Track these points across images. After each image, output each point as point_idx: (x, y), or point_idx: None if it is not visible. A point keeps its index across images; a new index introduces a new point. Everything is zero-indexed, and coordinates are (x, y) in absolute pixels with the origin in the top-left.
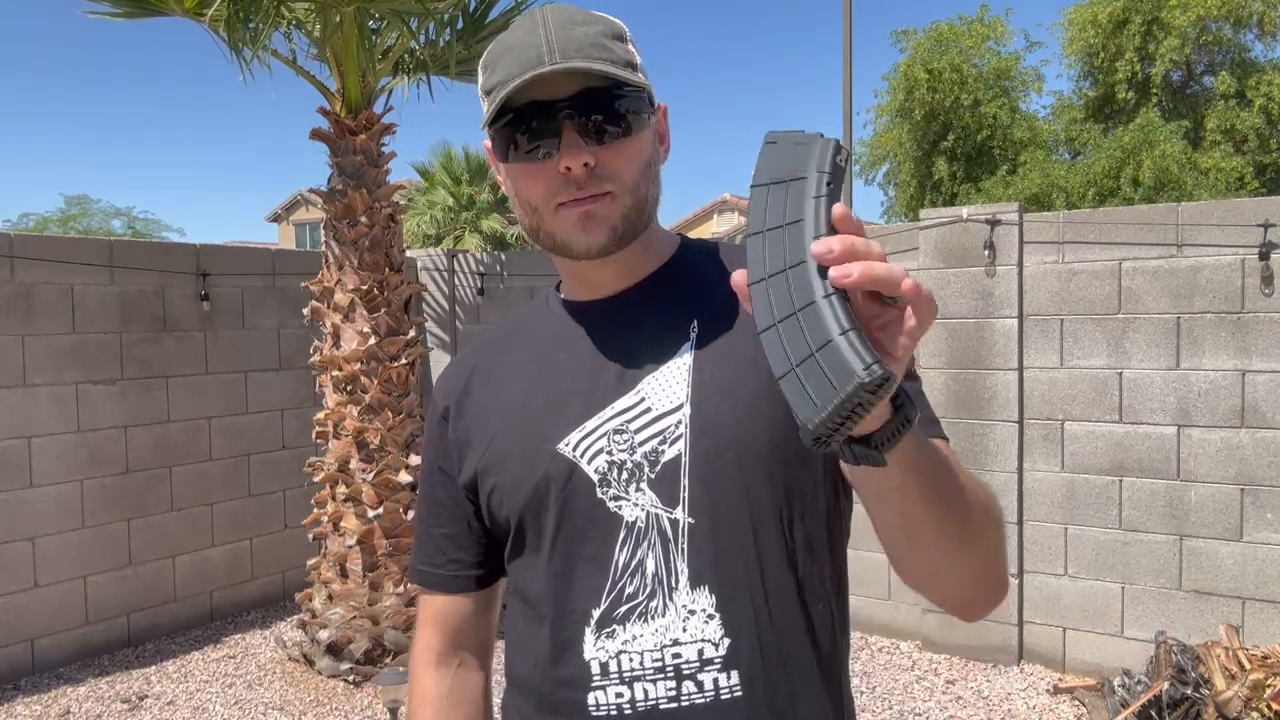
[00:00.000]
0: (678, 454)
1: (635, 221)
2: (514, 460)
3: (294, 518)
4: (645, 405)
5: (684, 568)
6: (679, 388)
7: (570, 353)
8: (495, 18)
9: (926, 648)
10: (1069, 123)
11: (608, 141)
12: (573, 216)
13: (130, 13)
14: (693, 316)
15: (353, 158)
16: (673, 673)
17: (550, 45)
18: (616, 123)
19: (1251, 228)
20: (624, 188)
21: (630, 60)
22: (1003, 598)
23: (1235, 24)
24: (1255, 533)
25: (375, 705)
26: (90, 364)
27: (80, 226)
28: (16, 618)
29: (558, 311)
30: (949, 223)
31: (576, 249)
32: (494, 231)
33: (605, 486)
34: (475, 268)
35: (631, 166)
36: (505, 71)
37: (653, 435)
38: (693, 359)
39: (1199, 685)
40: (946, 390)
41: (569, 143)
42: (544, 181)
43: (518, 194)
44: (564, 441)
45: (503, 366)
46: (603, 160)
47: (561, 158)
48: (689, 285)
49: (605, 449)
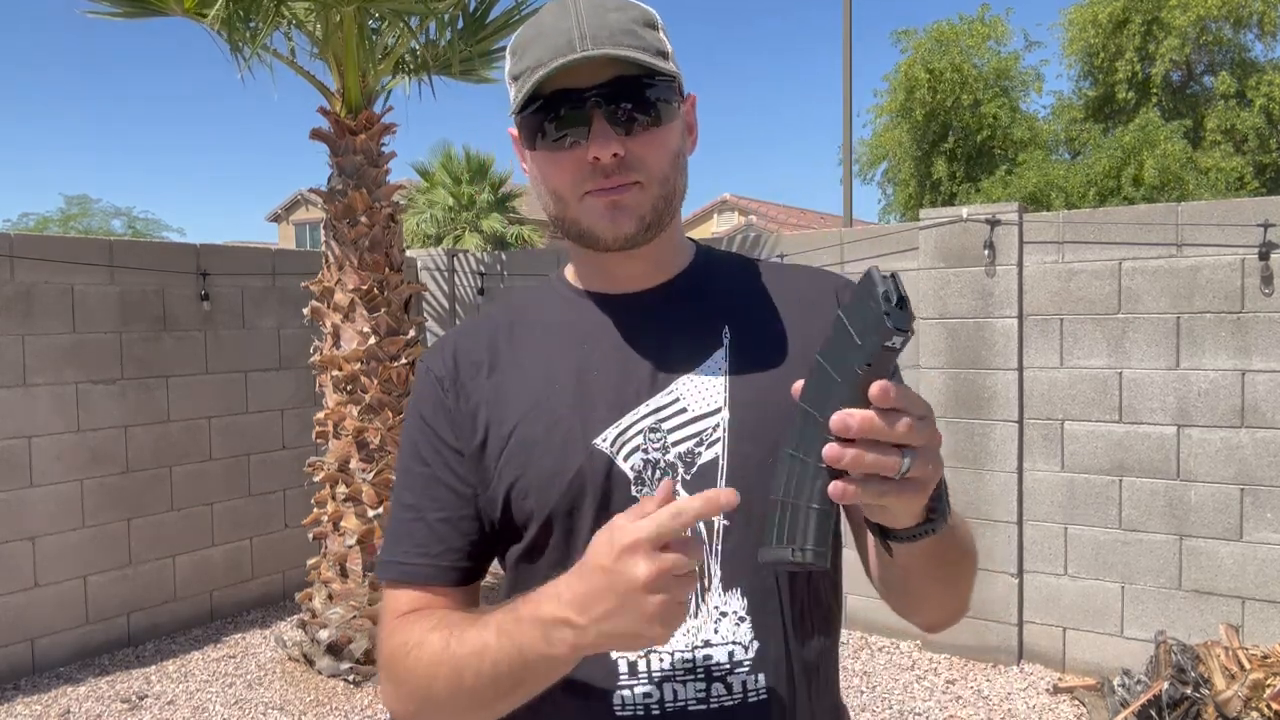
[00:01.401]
0: (715, 457)
1: (663, 212)
2: (544, 452)
3: (294, 517)
4: (681, 405)
5: (717, 569)
6: (715, 392)
7: (596, 345)
8: (496, 17)
9: (926, 647)
10: (1069, 123)
11: (637, 131)
12: (599, 206)
13: (130, 13)
14: (725, 323)
15: (353, 158)
16: (703, 674)
17: (582, 30)
18: (647, 112)
19: (1251, 228)
20: (652, 178)
21: (662, 49)
22: (962, 613)
23: (1235, 24)
24: (1255, 532)
25: (375, 705)
26: (90, 364)
27: (80, 226)
28: (16, 617)
29: (576, 300)
30: (949, 222)
31: (603, 238)
32: (494, 231)
33: (640, 485)
34: (475, 267)
35: (661, 156)
36: (535, 57)
37: (688, 436)
38: (729, 365)
39: (1199, 685)
40: (946, 390)
41: (598, 131)
42: (571, 169)
43: (544, 182)
44: (601, 437)
45: (521, 351)
46: (632, 150)
47: (590, 146)
48: (719, 291)
49: (641, 446)
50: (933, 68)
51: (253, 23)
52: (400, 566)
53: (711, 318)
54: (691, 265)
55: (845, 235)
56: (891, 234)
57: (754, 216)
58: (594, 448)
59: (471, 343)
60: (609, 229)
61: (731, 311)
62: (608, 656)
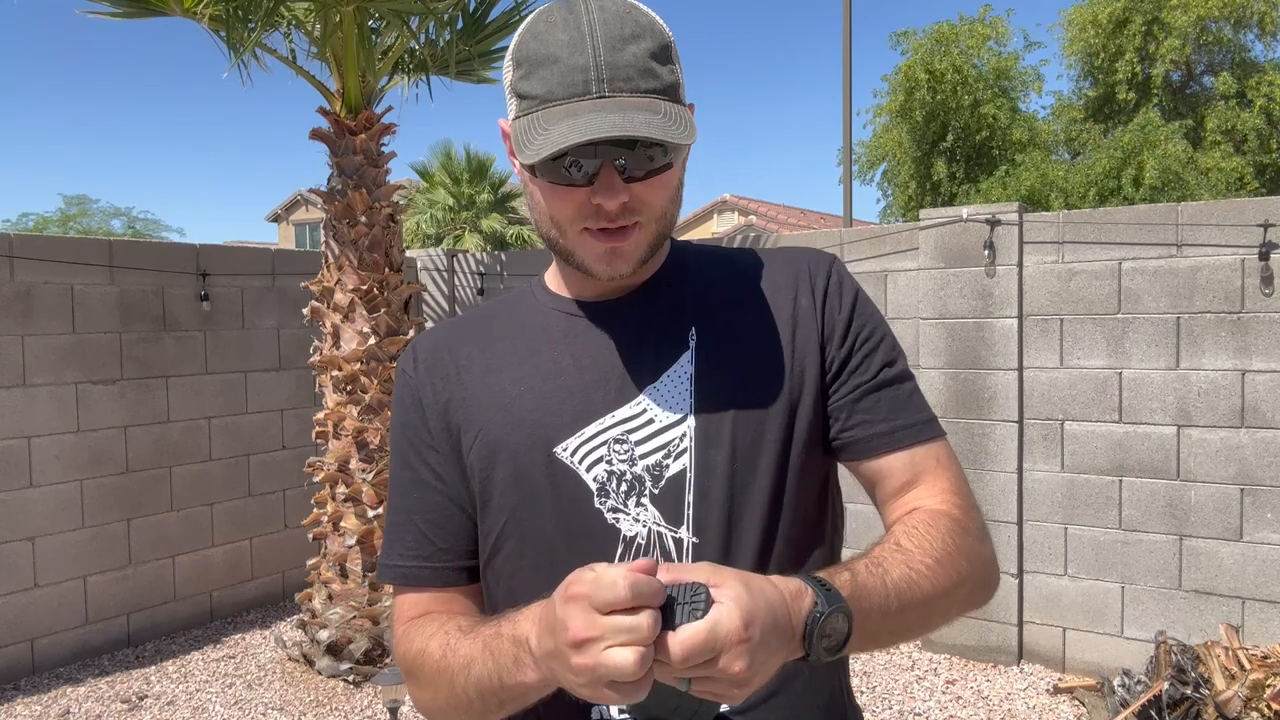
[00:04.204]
0: (683, 468)
1: (657, 245)
2: (507, 458)
3: (294, 518)
4: (648, 416)
5: None
6: (681, 399)
7: (564, 352)
8: (495, 17)
9: (926, 647)
10: (1069, 123)
11: (644, 179)
12: (599, 249)
13: (129, 12)
14: (692, 324)
15: (352, 158)
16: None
17: (599, 72)
18: (656, 164)
19: (1251, 228)
20: (652, 216)
21: (675, 82)
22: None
23: (1236, 24)
24: (1255, 533)
25: (375, 705)
26: (90, 364)
27: (80, 226)
28: (16, 617)
29: (549, 306)
30: (949, 222)
31: (597, 275)
32: (494, 231)
33: (604, 497)
34: (475, 267)
35: (663, 197)
36: (547, 87)
37: (656, 448)
38: (695, 369)
39: (1199, 685)
40: (946, 390)
41: (606, 183)
42: (573, 204)
43: (542, 204)
44: (562, 445)
45: (491, 354)
46: (637, 195)
47: (596, 194)
48: (688, 289)
49: (605, 458)
50: (932, 68)
51: (252, 23)
52: (396, 569)
53: (679, 320)
54: (664, 267)
55: (845, 235)
56: (891, 234)
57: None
58: (554, 456)
59: (443, 342)
60: (604, 270)
61: (700, 311)
62: None
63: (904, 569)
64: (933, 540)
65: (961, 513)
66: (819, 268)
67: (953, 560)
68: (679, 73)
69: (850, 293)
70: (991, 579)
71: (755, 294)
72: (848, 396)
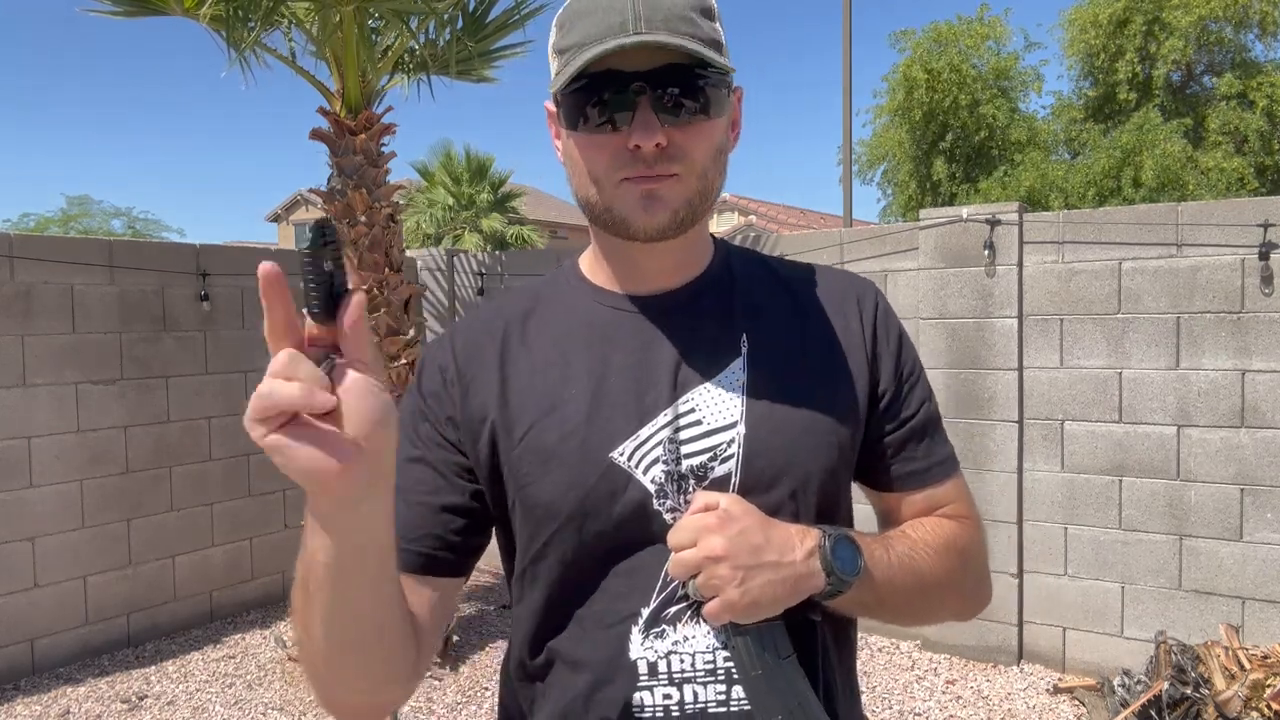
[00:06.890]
0: (728, 472)
1: (697, 207)
2: (560, 461)
3: (294, 518)
4: (696, 417)
5: None
6: (732, 405)
7: (614, 348)
8: (495, 17)
9: (926, 648)
10: (1069, 123)
11: (683, 121)
12: (635, 193)
13: (129, 11)
14: (743, 331)
15: (352, 158)
16: (724, 676)
17: (637, 11)
18: (695, 100)
19: (1251, 228)
20: (692, 171)
21: (716, 39)
22: (977, 611)
23: (1237, 25)
24: (1255, 532)
25: None
26: (90, 364)
27: (80, 226)
28: (16, 618)
29: (594, 297)
30: (949, 222)
31: (634, 227)
32: (494, 231)
33: (662, 498)
34: (475, 267)
35: (704, 150)
36: (584, 33)
37: (703, 450)
38: (746, 377)
39: (1199, 685)
40: (946, 390)
41: (643, 120)
42: (610, 153)
43: (579, 163)
44: (619, 450)
45: (533, 345)
46: (675, 140)
47: (633, 133)
48: (739, 293)
49: (661, 458)
50: (931, 68)
51: (251, 22)
52: None
53: (731, 325)
54: (712, 264)
55: (845, 235)
56: (891, 234)
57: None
58: (610, 462)
59: (481, 334)
60: (641, 218)
61: (751, 317)
62: (626, 656)
63: (906, 546)
64: (936, 535)
65: (967, 529)
66: (866, 295)
67: (951, 555)
68: (721, 33)
69: (896, 326)
70: (983, 592)
71: (804, 309)
72: (894, 435)
